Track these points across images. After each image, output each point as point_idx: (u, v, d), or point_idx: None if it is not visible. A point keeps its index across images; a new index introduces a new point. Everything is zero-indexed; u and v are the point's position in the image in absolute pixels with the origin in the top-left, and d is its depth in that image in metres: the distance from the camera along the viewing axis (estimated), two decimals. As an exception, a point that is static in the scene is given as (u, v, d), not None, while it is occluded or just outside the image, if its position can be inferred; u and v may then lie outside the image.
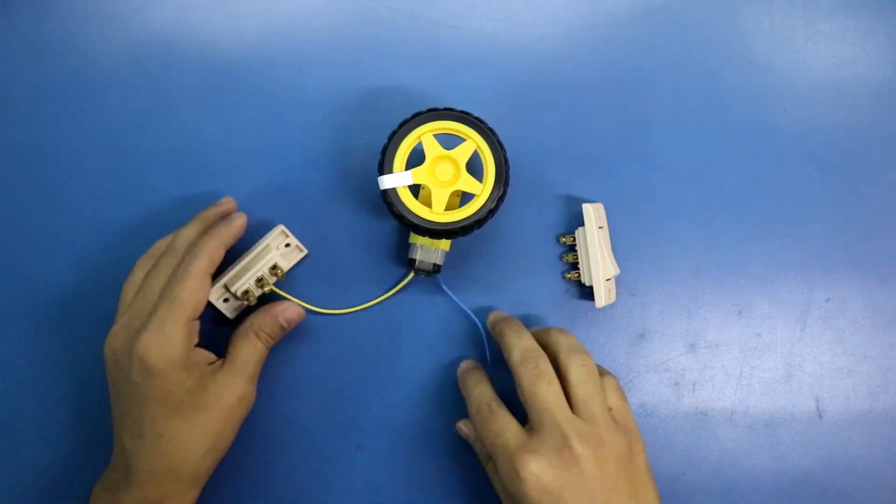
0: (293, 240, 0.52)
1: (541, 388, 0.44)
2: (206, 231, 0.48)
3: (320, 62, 0.55)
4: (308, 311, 0.53)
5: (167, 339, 0.43)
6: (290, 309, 0.50)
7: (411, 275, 0.53)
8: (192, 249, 0.46)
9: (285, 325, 0.50)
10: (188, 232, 0.48)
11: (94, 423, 0.53)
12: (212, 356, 0.48)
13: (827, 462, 0.54)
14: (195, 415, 0.45)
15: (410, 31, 0.56)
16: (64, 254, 0.53)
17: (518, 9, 0.56)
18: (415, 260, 0.51)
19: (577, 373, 0.45)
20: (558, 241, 0.54)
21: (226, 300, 0.52)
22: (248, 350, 0.48)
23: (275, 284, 0.52)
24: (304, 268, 0.54)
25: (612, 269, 0.52)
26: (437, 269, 0.52)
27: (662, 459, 0.53)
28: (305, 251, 0.53)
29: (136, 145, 0.54)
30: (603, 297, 0.51)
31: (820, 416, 0.54)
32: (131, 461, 0.45)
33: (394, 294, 0.53)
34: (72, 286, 0.53)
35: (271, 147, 0.54)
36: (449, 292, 0.53)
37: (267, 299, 0.53)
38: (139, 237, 0.54)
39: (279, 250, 0.52)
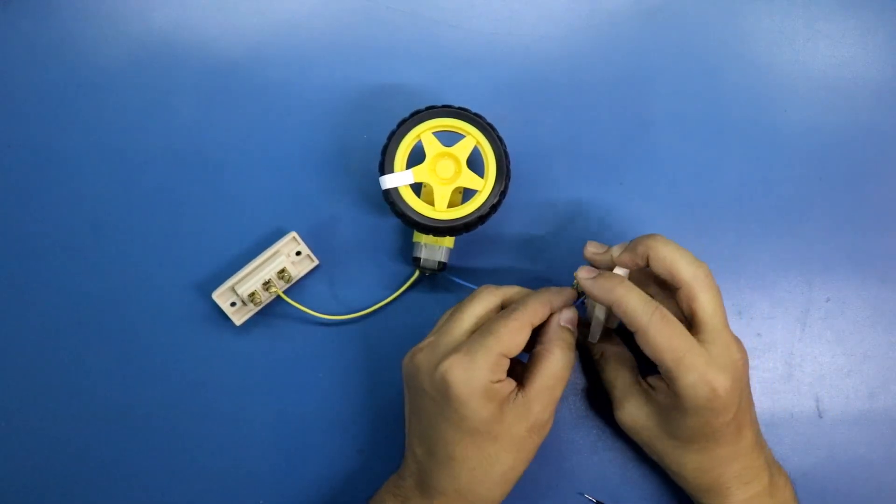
0: (304, 248, 0.52)
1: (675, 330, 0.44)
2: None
3: (320, 62, 0.55)
4: (313, 317, 0.53)
5: (474, 367, 0.43)
6: (565, 311, 0.47)
7: (416, 274, 0.53)
8: (524, 300, 0.46)
9: (570, 327, 0.47)
10: (520, 289, 0.48)
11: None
12: (513, 385, 0.45)
13: (827, 462, 0.54)
14: (486, 444, 0.44)
15: (410, 31, 0.56)
16: (64, 254, 0.53)
17: (518, 9, 0.56)
18: (419, 258, 0.51)
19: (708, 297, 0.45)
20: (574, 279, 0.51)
21: (233, 304, 0.51)
22: (542, 375, 0.45)
23: (284, 291, 0.52)
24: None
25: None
26: (442, 266, 0.52)
27: (662, 459, 0.53)
28: (316, 262, 0.53)
29: (136, 145, 0.54)
30: (598, 336, 0.50)
31: (820, 416, 0.54)
32: (424, 476, 0.45)
33: (400, 294, 0.53)
34: (72, 287, 0.53)
35: (271, 147, 0.54)
36: (465, 283, 0.53)
37: (274, 305, 0.53)
38: (139, 237, 0.54)
39: (289, 257, 0.52)
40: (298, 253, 0.52)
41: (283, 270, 0.51)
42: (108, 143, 0.54)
